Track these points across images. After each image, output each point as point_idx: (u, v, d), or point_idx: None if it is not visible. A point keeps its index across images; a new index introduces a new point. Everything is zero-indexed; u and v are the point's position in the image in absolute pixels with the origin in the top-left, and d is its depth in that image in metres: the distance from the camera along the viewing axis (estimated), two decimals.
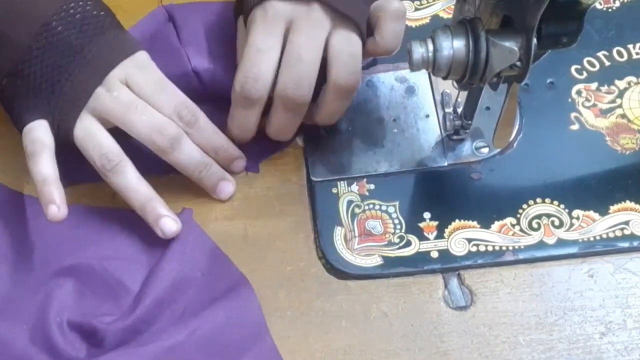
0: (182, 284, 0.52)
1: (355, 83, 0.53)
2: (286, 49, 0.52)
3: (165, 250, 0.53)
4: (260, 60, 0.52)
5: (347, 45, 0.52)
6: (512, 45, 0.44)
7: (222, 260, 0.54)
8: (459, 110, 0.56)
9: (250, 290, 0.53)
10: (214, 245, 0.55)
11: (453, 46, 0.45)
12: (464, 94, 0.54)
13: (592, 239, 0.54)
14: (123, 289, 0.53)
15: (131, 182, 0.53)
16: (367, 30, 0.53)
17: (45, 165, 0.51)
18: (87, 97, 0.52)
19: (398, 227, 0.55)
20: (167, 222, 0.53)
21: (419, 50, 0.46)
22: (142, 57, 0.55)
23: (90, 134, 0.52)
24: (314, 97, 0.54)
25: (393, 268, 0.53)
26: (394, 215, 0.55)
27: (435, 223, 0.55)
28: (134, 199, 0.53)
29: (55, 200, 0.50)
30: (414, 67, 0.47)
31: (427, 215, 0.55)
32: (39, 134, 0.52)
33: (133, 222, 0.54)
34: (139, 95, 0.53)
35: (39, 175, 0.51)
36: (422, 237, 0.54)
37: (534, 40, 0.43)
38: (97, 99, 0.52)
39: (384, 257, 0.54)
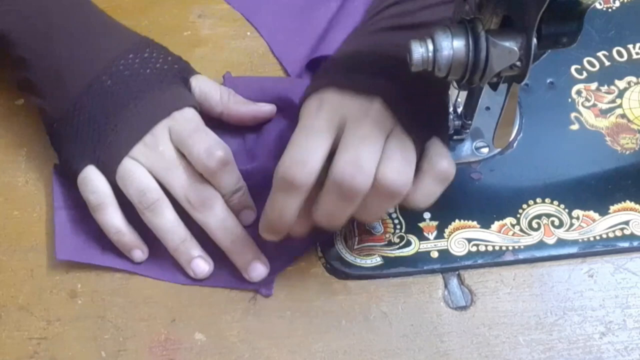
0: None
1: (402, 186, 0.47)
2: (344, 134, 0.48)
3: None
4: (310, 145, 0.47)
5: (402, 147, 0.48)
6: (512, 45, 0.44)
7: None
8: (459, 110, 0.56)
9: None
10: None
11: (453, 46, 0.45)
12: (464, 94, 0.54)
13: (592, 239, 0.54)
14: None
15: (167, 223, 0.53)
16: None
17: (113, 218, 0.53)
18: (128, 148, 0.53)
19: (398, 227, 0.55)
20: (199, 264, 0.53)
21: (419, 50, 0.46)
22: (188, 113, 0.54)
23: (130, 172, 0.52)
24: None
25: (393, 268, 0.53)
26: (394, 215, 0.55)
27: (435, 223, 0.55)
28: (169, 239, 0.53)
29: (136, 246, 0.54)
30: (413, 67, 0.47)
31: (427, 215, 0.55)
32: (99, 185, 0.53)
33: None
34: (178, 143, 0.53)
35: (112, 228, 0.53)
36: (422, 237, 0.54)
37: (534, 40, 0.43)
38: (140, 151, 0.53)
39: (384, 257, 0.54)
